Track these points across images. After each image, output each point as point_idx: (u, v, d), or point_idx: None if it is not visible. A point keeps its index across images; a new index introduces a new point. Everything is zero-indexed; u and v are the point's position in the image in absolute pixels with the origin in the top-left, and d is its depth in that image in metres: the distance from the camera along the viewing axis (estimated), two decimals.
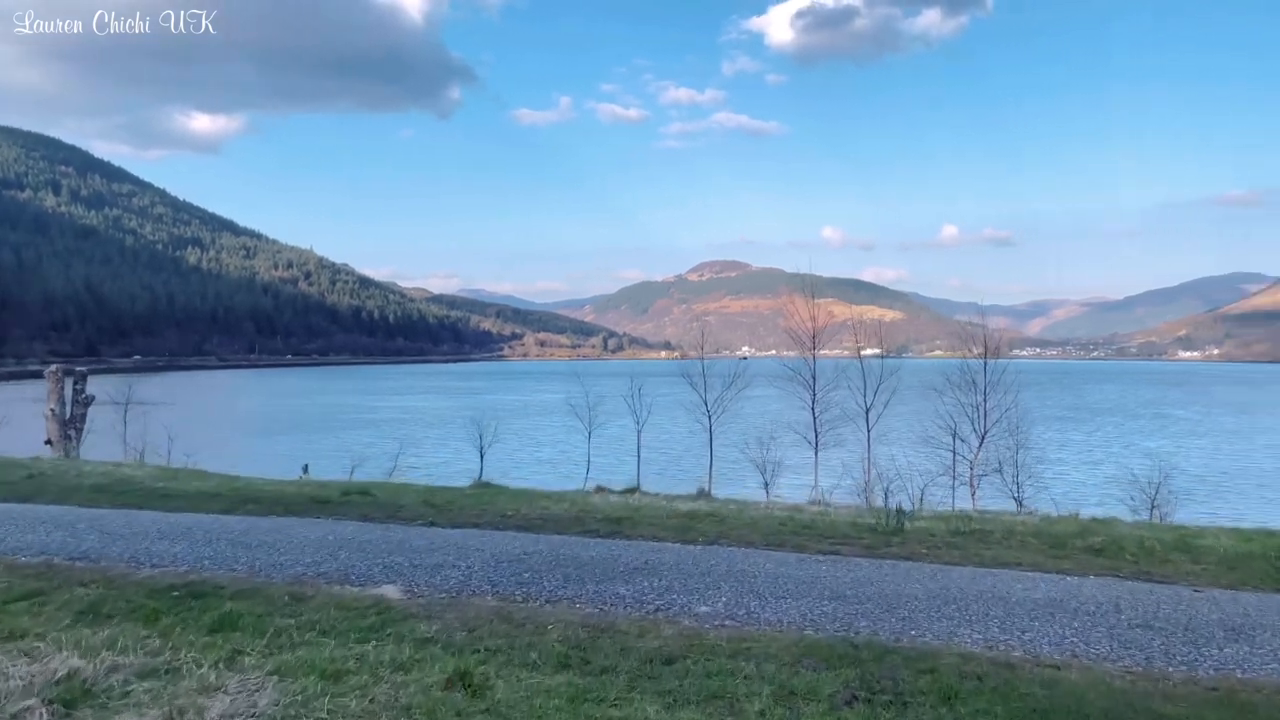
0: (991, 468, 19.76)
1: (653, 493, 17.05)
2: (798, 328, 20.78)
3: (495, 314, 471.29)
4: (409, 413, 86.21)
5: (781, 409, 24.43)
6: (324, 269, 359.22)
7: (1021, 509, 19.79)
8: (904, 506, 12.15)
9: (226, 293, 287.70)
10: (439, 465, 47.68)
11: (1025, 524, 12.50)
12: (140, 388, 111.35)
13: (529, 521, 11.24)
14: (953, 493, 20.74)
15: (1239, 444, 56.30)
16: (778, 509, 13.65)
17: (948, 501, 20.72)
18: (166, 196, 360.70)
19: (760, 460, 23.57)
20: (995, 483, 20.78)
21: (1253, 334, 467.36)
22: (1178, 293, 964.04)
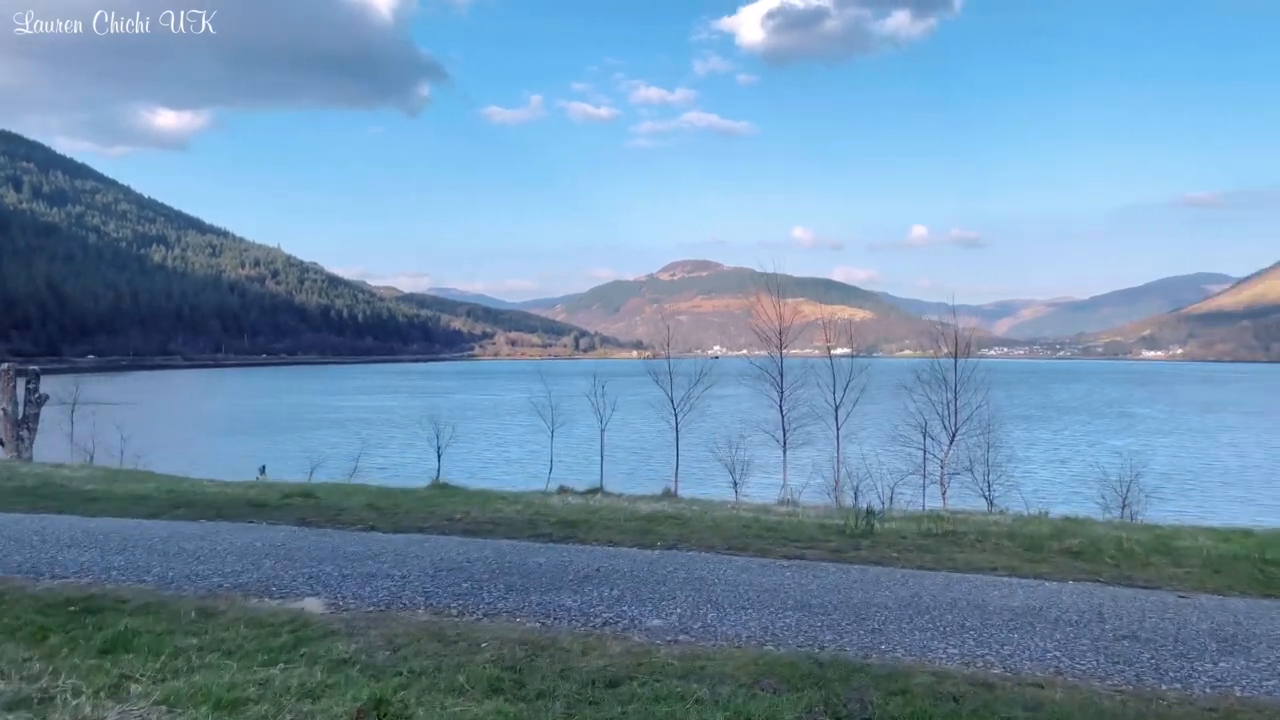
0: (962, 466, 19.40)
1: (616, 493, 16.48)
2: (765, 327, 20.28)
3: (466, 313, 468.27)
4: (376, 413, 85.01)
5: (750, 408, 23.96)
6: (292, 267, 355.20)
7: (992, 508, 19.45)
8: (874, 506, 11.59)
9: (192, 291, 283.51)
10: (403, 466, 46.78)
11: (998, 524, 12.07)
12: (102, 387, 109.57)
13: (478, 525, 10.58)
14: (923, 492, 20.39)
15: (1203, 442, 56.71)
16: (744, 509, 13.13)
17: (918, 501, 20.36)
18: (131, 194, 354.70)
19: (729, 459, 23.12)
20: (965, 481, 20.47)
21: (1215, 334, 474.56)
22: (1142, 293, 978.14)
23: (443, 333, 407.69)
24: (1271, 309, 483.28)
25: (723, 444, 24.99)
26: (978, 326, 23.00)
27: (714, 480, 36.24)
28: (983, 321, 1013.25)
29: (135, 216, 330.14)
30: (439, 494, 13.94)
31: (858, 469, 21.46)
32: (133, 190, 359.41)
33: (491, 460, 44.27)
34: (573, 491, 15.92)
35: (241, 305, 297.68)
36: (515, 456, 44.62)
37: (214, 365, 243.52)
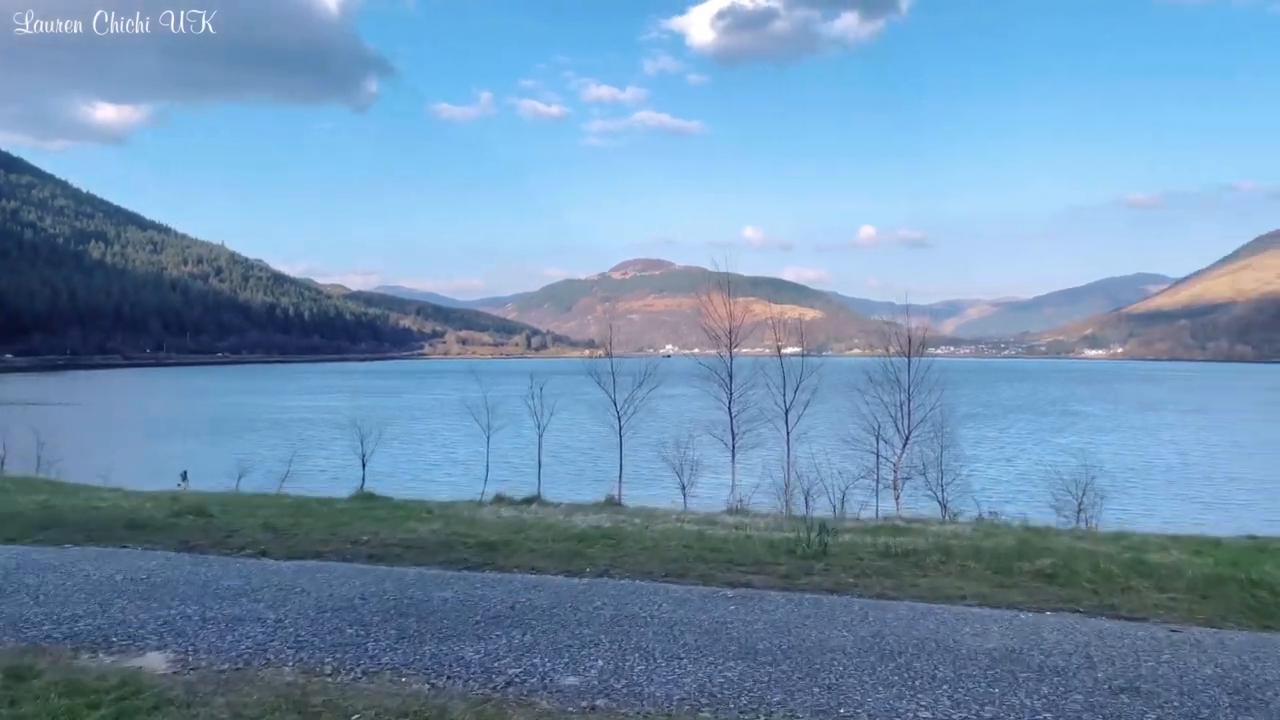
0: (915, 469, 18.63)
1: (555, 503, 15.40)
2: (715, 326, 19.29)
3: (415, 311, 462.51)
4: (320, 413, 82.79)
5: (699, 409, 22.99)
6: (236, 264, 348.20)
7: (946, 512, 18.75)
8: (826, 521, 10.62)
9: (132, 289, 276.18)
10: (342, 469, 45.13)
11: (959, 536, 11.25)
12: (34, 387, 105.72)
13: (385, 549, 9.36)
14: (876, 496, 19.60)
15: (1144, 439, 57.34)
16: (689, 521, 12.13)
17: (871, 505, 19.61)
18: (69, 189, 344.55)
19: (677, 462, 22.20)
20: (919, 484, 19.73)
21: (1154, 333, 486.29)
22: (1084, 293, 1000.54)
23: (392, 331, 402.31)
24: (1208, 309, 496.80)
25: (671, 445, 24.05)
26: (926, 326, 22.33)
27: (662, 482, 35.26)
28: (930, 321, 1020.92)
29: (73, 212, 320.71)
30: (358, 507, 12.73)
31: (809, 472, 20.65)
32: (70, 185, 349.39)
33: (437, 463, 42.88)
34: (509, 500, 14.82)
35: (184, 303, 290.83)
36: (462, 457, 43.27)
37: (155, 364, 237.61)
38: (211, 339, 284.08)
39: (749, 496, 23.43)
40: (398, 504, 13.49)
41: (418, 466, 41.52)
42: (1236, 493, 35.18)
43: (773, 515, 14.14)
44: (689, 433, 21.58)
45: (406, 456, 45.92)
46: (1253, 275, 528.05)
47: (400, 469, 41.86)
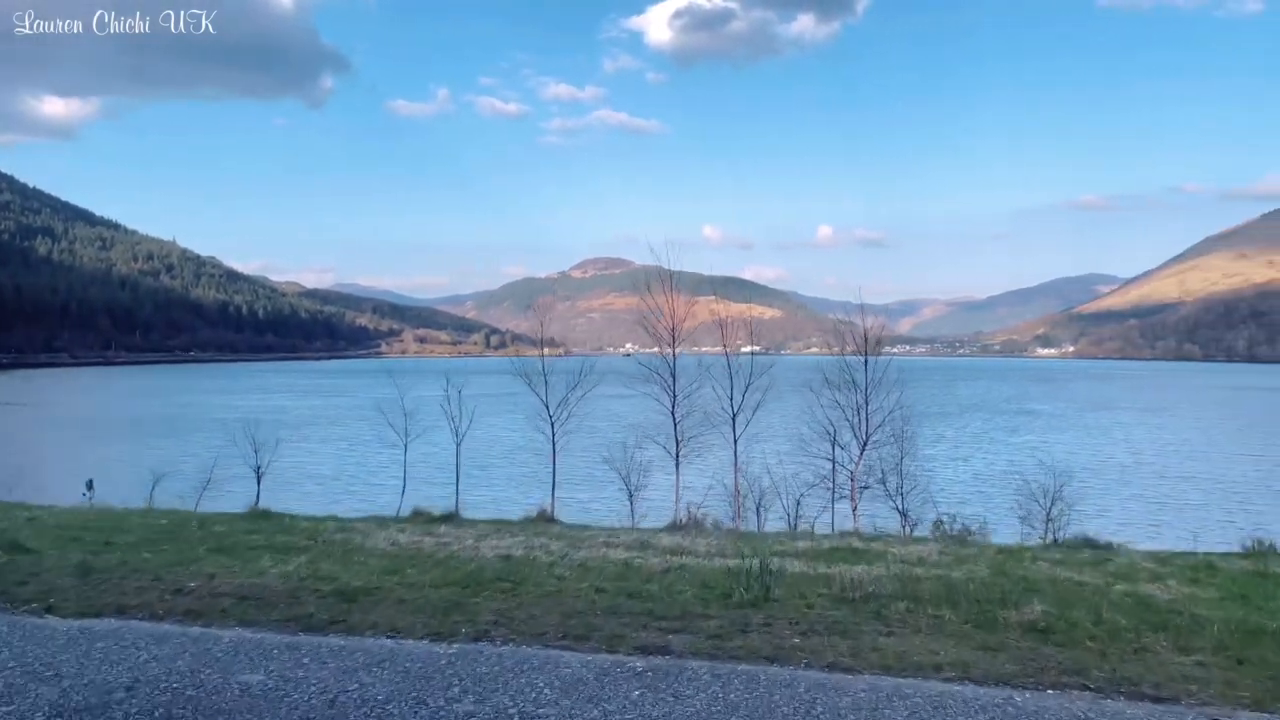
0: (874, 478, 17.11)
1: (473, 520, 13.62)
2: (657, 325, 17.53)
3: (372, 310, 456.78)
4: (268, 413, 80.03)
5: (643, 413, 21.26)
6: (188, 261, 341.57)
7: (906, 521, 17.32)
8: (769, 558, 8.91)
9: (80, 286, 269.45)
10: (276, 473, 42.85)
11: (925, 563, 9.69)
12: None
13: (212, 601, 7.47)
14: (832, 505, 18.02)
15: (1098, 438, 57.10)
16: (619, 546, 10.43)
17: (827, 515, 18.17)
18: (15, 183, 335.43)
19: (624, 467, 20.67)
20: (878, 493, 18.23)
21: (1104, 332, 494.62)
22: (1036, 293, 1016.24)
23: (348, 330, 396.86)
24: (1156, 309, 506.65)
25: (618, 449, 22.46)
26: (882, 325, 20.96)
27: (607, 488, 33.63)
28: (886, 320, 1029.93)
29: (19, 207, 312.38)
30: (238, 530, 10.92)
31: (761, 478, 19.13)
32: (16, 180, 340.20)
33: (375, 469, 40.69)
34: (425, 516, 13.06)
35: (134, 300, 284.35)
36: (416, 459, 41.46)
37: (103, 363, 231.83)
38: (162, 337, 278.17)
39: (700, 504, 21.80)
40: (288, 524, 11.70)
41: (353, 474, 39.42)
42: (1190, 492, 34.85)
43: (717, 536, 12.45)
44: (635, 438, 19.90)
45: (342, 462, 43.75)
46: (1200, 276, 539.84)
47: (340, 475, 39.73)
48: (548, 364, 20.15)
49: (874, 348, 19.54)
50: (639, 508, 21.05)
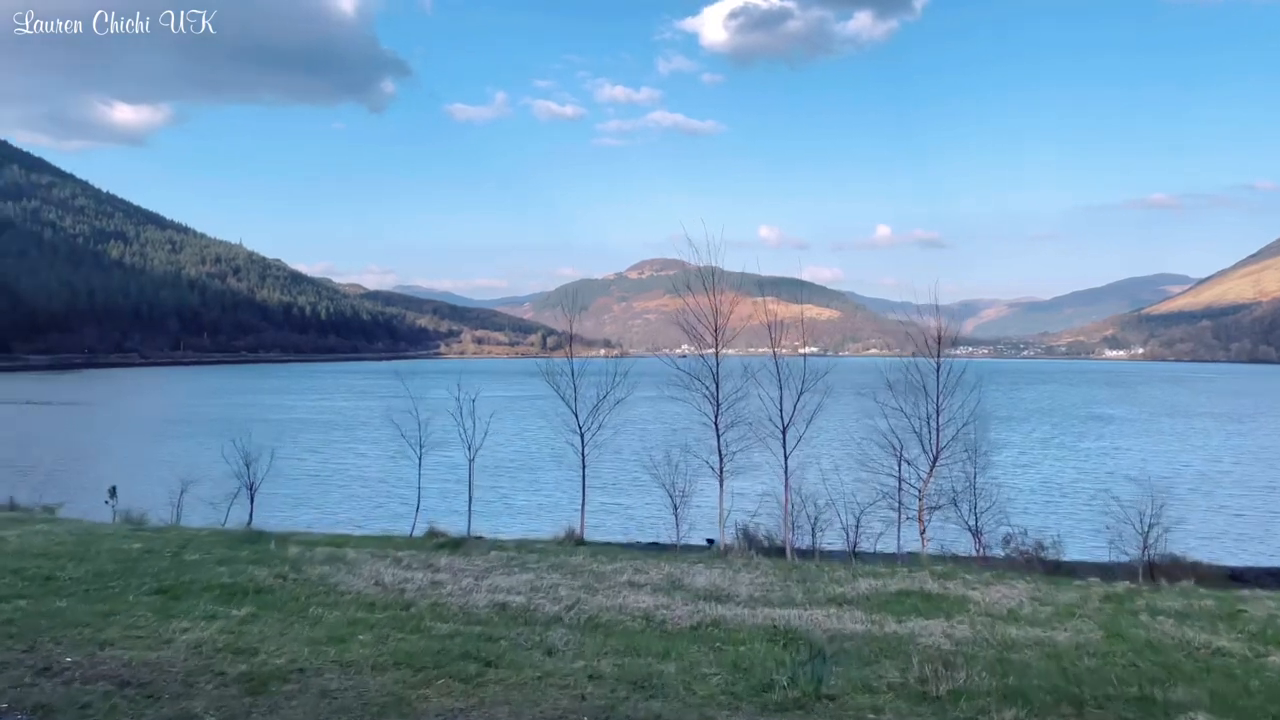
0: (945, 498, 15.86)
1: (492, 543, 12.80)
2: (697, 325, 16.35)
3: (432, 311, 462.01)
4: (325, 414, 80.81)
5: (685, 424, 20.28)
6: (254, 264, 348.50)
7: (979, 542, 16.10)
8: (823, 645, 7.09)
9: (150, 288, 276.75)
10: (303, 479, 42.84)
11: (1020, 619, 8.14)
12: (44, 386, 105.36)
13: (80, 689, 6.26)
14: (898, 530, 16.74)
15: (1174, 445, 54.72)
16: (646, 587, 9.30)
17: (889, 537, 17.00)
18: (89, 188, 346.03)
19: (668, 479, 19.76)
20: (949, 514, 16.91)
21: (1175, 333, 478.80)
22: (1104, 293, 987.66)
23: (408, 330, 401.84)
24: (1230, 309, 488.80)
25: (659, 454, 21.49)
26: (946, 326, 19.45)
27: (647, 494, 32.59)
28: (947, 321, 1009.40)
29: (93, 212, 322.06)
30: (211, 559, 10.02)
31: (816, 494, 17.98)
32: (91, 185, 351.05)
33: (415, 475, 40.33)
34: (435, 540, 12.26)
35: (201, 302, 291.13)
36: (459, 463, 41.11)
37: (172, 363, 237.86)
38: (229, 338, 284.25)
39: (749, 519, 20.84)
40: (273, 551, 10.71)
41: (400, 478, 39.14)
42: (1275, 502, 33.37)
43: (764, 570, 11.28)
44: (676, 449, 18.92)
45: (391, 464, 43.56)
46: (1275, 275, 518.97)
47: (382, 479, 39.52)
48: (595, 366, 19.21)
49: (927, 349, 18.26)
50: (684, 517, 20.07)
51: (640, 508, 36.63)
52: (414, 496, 21.10)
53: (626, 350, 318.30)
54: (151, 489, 26.75)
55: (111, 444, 54.42)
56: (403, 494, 33.48)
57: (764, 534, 21.76)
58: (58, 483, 36.08)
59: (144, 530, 12.86)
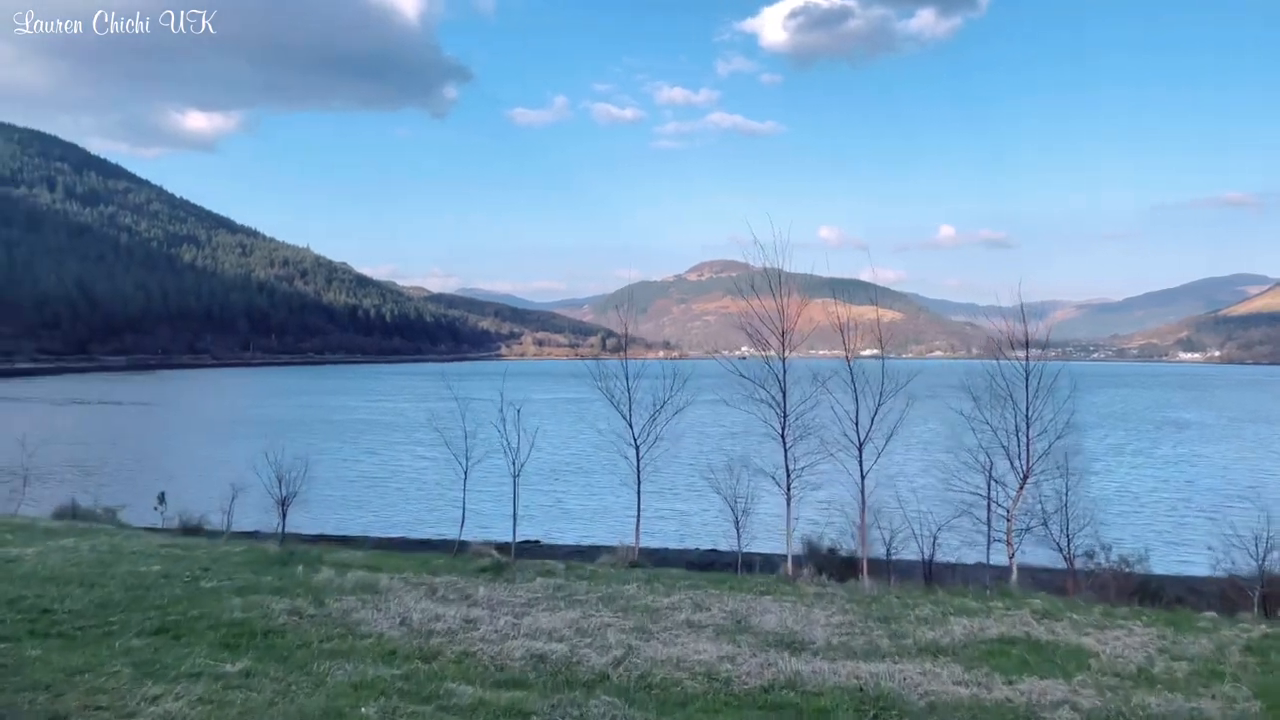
0: (1035, 517, 14.40)
1: (539, 566, 11.73)
2: (762, 327, 15.00)
3: (493, 313, 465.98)
4: (386, 414, 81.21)
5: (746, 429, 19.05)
6: (320, 267, 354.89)
7: (1072, 567, 14.64)
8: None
9: (221, 291, 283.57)
10: (360, 481, 42.49)
11: (1154, 679, 6.87)
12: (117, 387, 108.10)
13: None
14: (987, 553, 15.24)
15: (1259, 453, 51.98)
16: (704, 632, 8.04)
17: (971, 558, 15.59)
18: (163, 194, 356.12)
19: (729, 492, 18.63)
20: (1038, 533, 15.41)
21: (1254, 335, 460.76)
22: (1178, 294, 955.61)
23: (470, 332, 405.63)
24: None
25: (719, 461, 20.34)
26: (1008, 328, 17.75)
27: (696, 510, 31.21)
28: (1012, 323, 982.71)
29: (167, 216, 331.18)
30: (230, 585, 9.08)
31: (885, 504, 16.62)
32: (165, 190, 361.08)
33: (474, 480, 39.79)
34: (477, 561, 11.23)
35: (270, 304, 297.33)
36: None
37: (241, 364, 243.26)
38: (296, 340, 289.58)
39: (818, 535, 19.63)
40: (301, 575, 9.70)
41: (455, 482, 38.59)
42: None
43: (840, 605, 9.96)
44: (739, 462, 17.71)
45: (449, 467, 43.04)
46: None
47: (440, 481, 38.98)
48: (653, 368, 17.97)
49: (1000, 351, 16.70)
50: (745, 527, 19.04)
51: (697, 514, 35.48)
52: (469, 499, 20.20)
53: (685, 353, 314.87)
54: (207, 492, 26.46)
55: (176, 445, 55.07)
56: (457, 496, 32.93)
57: (831, 543, 20.60)
58: (122, 483, 36.30)
59: (175, 546, 12.13)
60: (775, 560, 27.82)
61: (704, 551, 33.05)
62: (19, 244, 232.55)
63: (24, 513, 30.46)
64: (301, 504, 23.41)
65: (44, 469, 45.72)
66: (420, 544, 29.51)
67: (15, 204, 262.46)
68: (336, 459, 51.51)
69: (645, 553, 29.18)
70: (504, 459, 12.48)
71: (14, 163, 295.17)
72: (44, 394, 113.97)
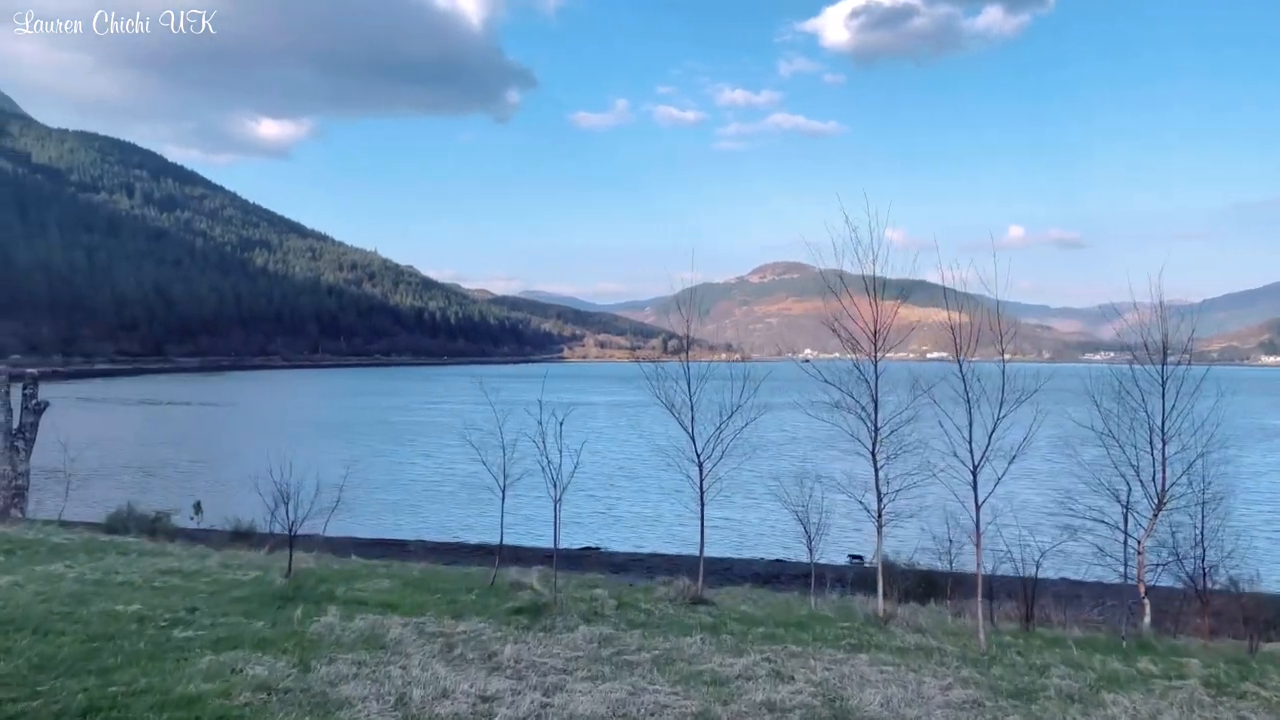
0: (1166, 551, 12.20)
1: (586, 606, 9.84)
2: (851, 326, 12.91)
3: (556, 315, 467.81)
4: (444, 416, 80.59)
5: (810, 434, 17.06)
6: (387, 270, 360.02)
7: (1206, 604, 12.46)
8: None
9: (292, 294, 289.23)
10: (410, 485, 41.36)
11: None
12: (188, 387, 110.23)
13: None
14: (1127, 611, 13.00)
15: None
16: (789, 680, 6.41)
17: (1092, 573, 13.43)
18: (236, 199, 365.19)
19: (801, 507, 16.64)
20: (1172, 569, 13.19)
21: None
22: (1260, 295, 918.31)
23: (533, 335, 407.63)
24: None
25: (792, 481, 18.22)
26: (1081, 330, 15.18)
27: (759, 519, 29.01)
28: (1087, 325, 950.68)
29: (240, 221, 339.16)
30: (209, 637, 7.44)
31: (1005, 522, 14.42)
32: (238, 196, 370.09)
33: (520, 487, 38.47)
34: (518, 599, 9.44)
35: (339, 307, 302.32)
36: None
37: (311, 366, 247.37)
38: (364, 342, 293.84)
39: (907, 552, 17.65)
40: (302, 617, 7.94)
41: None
42: None
43: (953, 667, 7.97)
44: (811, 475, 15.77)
45: None
46: None
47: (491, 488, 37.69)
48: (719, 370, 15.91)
49: (1073, 355, 14.22)
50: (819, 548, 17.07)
51: (757, 523, 33.55)
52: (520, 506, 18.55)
53: (748, 355, 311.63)
54: (246, 500, 25.51)
55: (235, 447, 54.82)
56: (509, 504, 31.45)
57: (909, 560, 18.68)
58: (182, 486, 35.75)
59: (178, 573, 10.54)
60: (845, 571, 25.71)
61: (770, 562, 31.08)
62: (99, 248, 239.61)
63: (71, 517, 29.99)
64: (350, 509, 22.12)
65: (104, 470, 45.65)
66: (468, 551, 28.23)
67: (96, 209, 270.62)
68: (391, 461, 50.70)
69: (707, 561, 27.60)
70: (543, 479, 10.61)
71: (95, 169, 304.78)
72: (117, 394, 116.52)
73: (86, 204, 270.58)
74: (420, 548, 26.83)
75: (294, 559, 11.71)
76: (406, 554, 25.82)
